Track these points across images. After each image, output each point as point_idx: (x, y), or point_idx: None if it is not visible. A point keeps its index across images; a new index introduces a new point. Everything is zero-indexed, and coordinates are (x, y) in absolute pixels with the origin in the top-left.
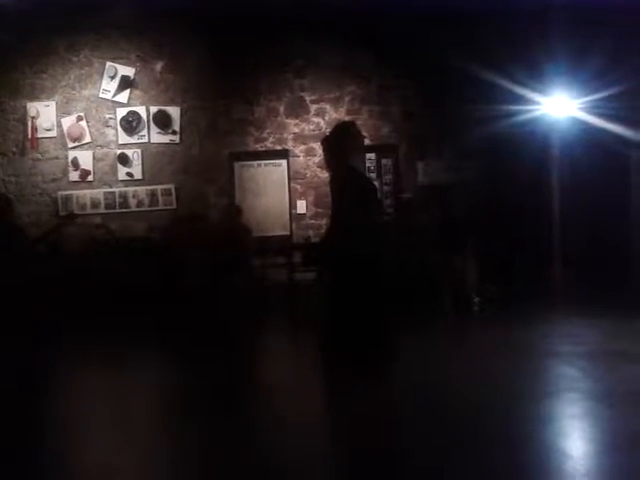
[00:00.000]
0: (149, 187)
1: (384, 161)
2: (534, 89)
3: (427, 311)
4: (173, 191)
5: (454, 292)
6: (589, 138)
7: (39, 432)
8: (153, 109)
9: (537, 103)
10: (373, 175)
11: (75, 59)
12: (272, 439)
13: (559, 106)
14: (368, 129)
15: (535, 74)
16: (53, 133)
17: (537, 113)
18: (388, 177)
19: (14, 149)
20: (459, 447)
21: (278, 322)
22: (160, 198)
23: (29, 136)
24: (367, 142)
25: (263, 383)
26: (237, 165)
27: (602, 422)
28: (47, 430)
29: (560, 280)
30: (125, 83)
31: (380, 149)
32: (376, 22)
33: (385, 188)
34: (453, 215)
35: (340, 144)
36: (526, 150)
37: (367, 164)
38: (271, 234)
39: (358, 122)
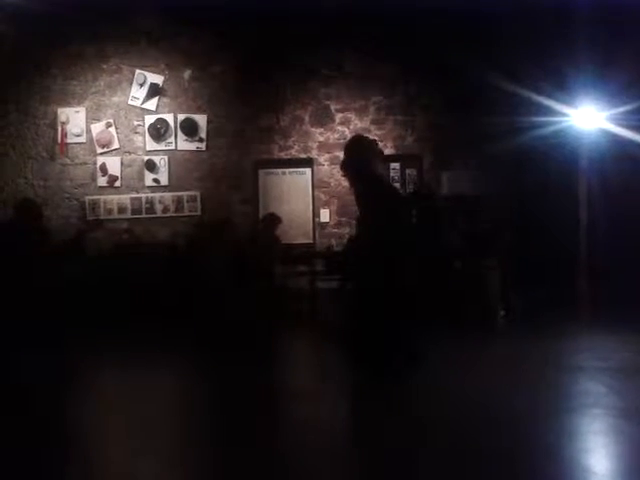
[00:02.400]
0: (175, 193)
1: (408, 171)
2: (561, 100)
3: (450, 321)
4: (198, 198)
5: (478, 303)
6: (617, 150)
7: (66, 434)
8: (180, 117)
9: (564, 114)
10: (397, 185)
11: (105, 66)
12: (295, 444)
13: (586, 118)
14: (393, 139)
15: (562, 85)
16: (82, 139)
17: (564, 124)
18: (412, 187)
19: (44, 154)
20: (480, 461)
21: (301, 329)
22: (185, 204)
23: (59, 141)
24: (391, 152)
25: (287, 389)
26: (262, 173)
27: (628, 439)
28: (80, 433)
29: (587, 292)
30: (154, 91)
31: (404, 159)
32: (402, 32)
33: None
34: (478, 225)
35: (359, 157)
36: (553, 161)
37: (391, 174)
38: (294, 242)
39: (383, 132)
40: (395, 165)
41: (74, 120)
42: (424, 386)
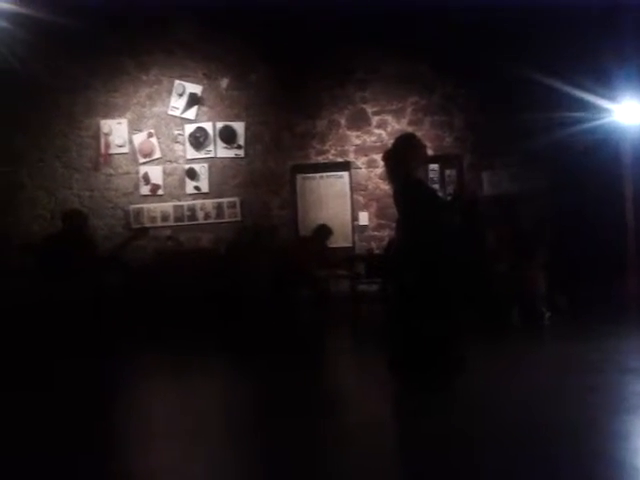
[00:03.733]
0: (215, 200)
1: (448, 172)
2: (603, 96)
3: (495, 323)
4: (238, 204)
5: (522, 303)
6: None
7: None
8: (219, 125)
9: (607, 110)
10: (436, 186)
11: (145, 78)
12: (340, 450)
13: (629, 113)
14: (431, 139)
15: (604, 81)
16: (125, 149)
17: (606, 120)
18: (452, 188)
19: (88, 165)
20: (529, 463)
21: (342, 333)
22: (226, 210)
23: (102, 152)
24: (430, 153)
25: (329, 393)
26: (299, 177)
27: None
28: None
29: (634, 291)
30: (193, 100)
31: (443, 160)
32: (438, 31)
33: (449, 199)
34: (521, 225)
35: (402, 156)
36: (595, 158)
37: (430, 175)
38: (333, 245)
39: (420, 133)
40: (434, 166)
41: (117, 131)
42: (471, 390)
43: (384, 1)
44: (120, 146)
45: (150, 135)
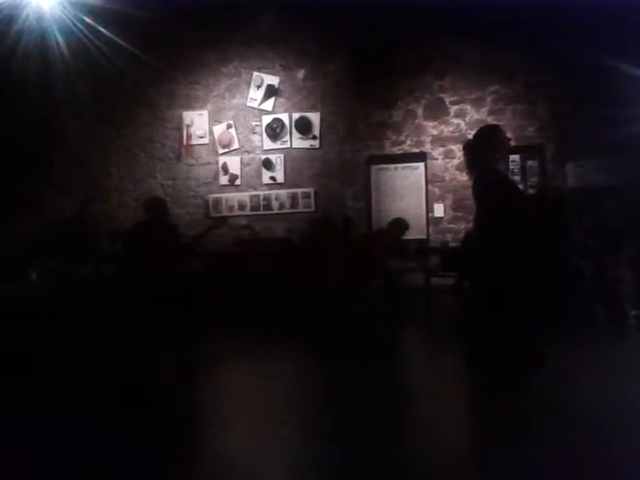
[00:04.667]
0: (290, 190)
1: (529, 163)
2: None
3: (577, 320)
4: (312, 194)
5: (607, 301)
6: None
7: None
8: (295, 115)
9: None
10: (517, 178)
11: (225, 70)
12: (415, 443)
13: None
14: (512, 129)
15: None
16: (205, 140)
17: None
18: (534, 180)
19: (171, 155)
20: (610, 469)
21: (416, 326)
22: (300, 201)
23: (184, 143)
24: (511, 143)
25: (405, 387)
26: (374, 168)
27: None
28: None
29: None
30: (270, 92)
31: (525, 150)
32: (519, 18)
33: (531, 191)
34: (607, 220)
35: (486, 147)
36: None
37: (511, 166)
38: (408, 237)
39: (501, 122)
40: (515, 157)
41: (198, 122)
42: (551, 388)
43: None
44: (201, 137)
45: (229, 126)
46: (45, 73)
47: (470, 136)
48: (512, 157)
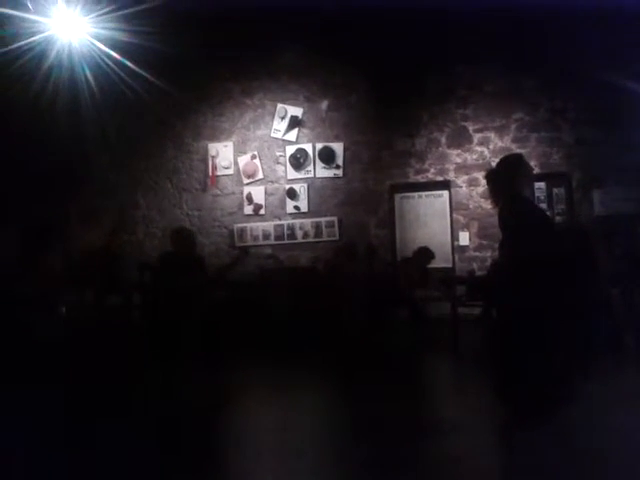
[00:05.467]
0: (314, 219)
1: (555, 190)
2: None
3: (608, 350)
4: (336, 223)
5: (635, 331)
6: None
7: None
8: (319, 146)
9: None
10: (543, 205)
11: (249, 102)
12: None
13: None
14: (537, 157)
15: None
16: (230, 171)
17: None
18: (561, 207)
19: (197, 186)
20: None
21: (442, 357)
22: (324, 230)
23: (209, 174)
24: (536, 170)
25: (433, 419)
26: (397, 197)
27: None
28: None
29: None
30: (294, 122)
31: (551, 178)
32: (543, 45)
33: (557, 219)
34: (635, 248)
35: (509, 176)
36: None
37: (537, 194)
38: (432, 266)
39: (526, 150)
40: (540, 185)
41: (223, 154)
42: (587, 424)
43: (481, 17)
44: (226, 168)
45: (254, 157)
46: (74, 107)
47: (494, 164)
48: (538, 184)
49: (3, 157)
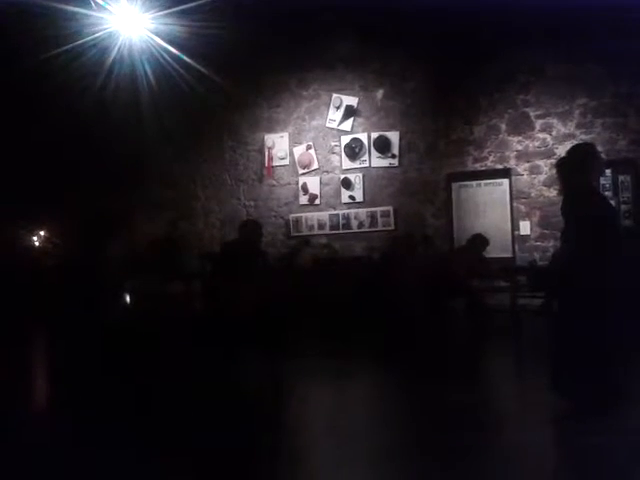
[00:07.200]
0: (369, 209)
1: (621, 177)
2: None
3: None
4: (391, 213)
5: None
6: None
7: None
8: (374, 135)
9: None
10: (609, 193)
11: (305, 93)
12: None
13: None
14: (602, 143)
15: None
16: (286, 161)
17: None
18: (627, 195)
19: (254, 177)
20: None
21: (502, 349)
22: (379, 219)
23: (266, 165)
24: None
25: (489, 413)
26: (455, 186)
27: None
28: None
29: None
30: (349, 112)
31: (616, 165)
32: (607, 27)
33: (623, 207)
34: None
35: (579, 165)
36: None
37: (602, 181)
38: (492, 256)
39: (590, 136)
40: (606, 172)
41: (279, 145)
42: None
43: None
44: (282, 158)
45: (309, 147)
46: (135, 101)
47: (557, 151)
48: None
49: (70, 151)
